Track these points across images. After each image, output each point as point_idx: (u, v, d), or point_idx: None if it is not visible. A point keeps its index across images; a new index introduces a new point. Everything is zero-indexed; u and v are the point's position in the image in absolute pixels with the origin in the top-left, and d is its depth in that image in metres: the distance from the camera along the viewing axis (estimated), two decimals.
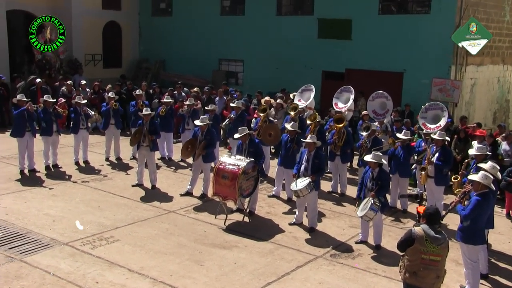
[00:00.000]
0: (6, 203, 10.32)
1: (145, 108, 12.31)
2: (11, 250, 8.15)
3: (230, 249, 8.74)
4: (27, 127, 12.19)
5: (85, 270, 7.63)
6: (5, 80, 18.21)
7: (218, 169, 9.86)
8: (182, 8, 24.27)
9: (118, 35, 25.24)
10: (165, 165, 14.15)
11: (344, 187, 12.34)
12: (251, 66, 22.29)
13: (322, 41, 19.90)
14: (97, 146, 15.35)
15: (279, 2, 21.46)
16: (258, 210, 10.69)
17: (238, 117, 13.70)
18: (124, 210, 10.31)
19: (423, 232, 5.95)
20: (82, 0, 23.08)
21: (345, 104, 13.88)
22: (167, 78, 23.72)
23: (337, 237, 9.58)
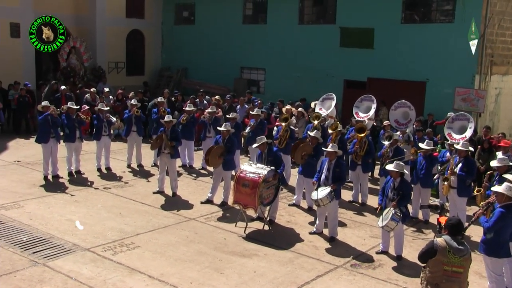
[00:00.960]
0: (30, 208, 10.48)
1: (167, 115, 12.41)
2: (35, 254, 8.26)
3: (250, 258, 8.73)
4: (51, 133, 12.38)
5: (106, 276, 7.69)
6: (30, 87, 18.54)
7: (238, 177, 9.87)
8: (204, 17, 24.48)
9: (141, 43, 25.56)
10: (186, 172, 14.22)
11: (365, 196, 12.25)
12: (272, 75, 22.34)
13: (344, 50, 19.87)
14: (119, 153, 15.51)
15: (301, 11, 21.50)
16: (278, 218, 10.66)
17: (258, 125, 13.73)
18: (145, 217, 10.38)
19: (445, 243, 5.86)
20: (106, 9, 23.45)
21: (366, 113, 13.81)
22: (189, 86, 23.90)
23: (357, 247, 9.50)
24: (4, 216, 9.91)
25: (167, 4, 25.81)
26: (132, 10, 24.78)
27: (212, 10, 24.07)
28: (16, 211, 10.22)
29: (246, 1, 23.29)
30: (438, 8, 17.92)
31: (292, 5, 21.47)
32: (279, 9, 21.88)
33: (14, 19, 20.52)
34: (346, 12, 19.78)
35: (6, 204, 10.58)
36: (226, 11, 23.55)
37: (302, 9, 21.52)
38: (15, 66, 20.38)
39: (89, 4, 23.29)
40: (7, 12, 20.23)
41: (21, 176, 12.79)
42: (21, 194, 11.32)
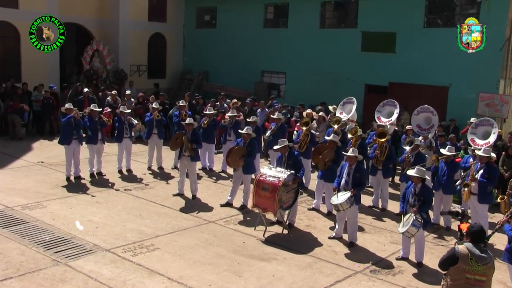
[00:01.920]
0: (53, 208, 10.63)
1: (188, 118, 12.50)
2: (57, 254, 8.37)
3: (269, 261, 8.72)
4: (74, 135, 12.54)
5: (126, 277, 7.76)
6: (55, 89, 18.82)
7: (258, 180, 9.87)
8: (226, 21, 24.58)
9: (162, 46, 25.77)
10: (206, 175, 14.27)
11: (386, 202, 12.14)
12: (293, 79, 22.32)
13: (365, 54, 19.77)
14: (140, 155, 15.64)
15: (322, 15, 21.46)
16: (298, 222, 10.64)
17: (278, 129, 13.73)
18: (164, 219, 10.45)
19: (467, 251, 5.78)
20: (129, 13, 23.70)
21: (388, 118, 13.71)
22: (210, 89, 24.01)
23: (377, 253, 9.42)
24: (28, 215, 10.07)
25: (188, 8, 25.99)
26: (154, 14, 25.00)
27: (233, 14, 24.16)
28: (40, 211, 10.38)
29: (267, 5, 23.33)
30: (462, 12, 17.72)
31: (313, 9, 21.44)
32: (300, 13, 21.86)
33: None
34: (367, 16, 19.69)
35: (30, 204, 10.76)
36: (247, 15, 23.62)
37: (323, 13, 21.48)
38: (40, 69, 20.73)
39: (112, 8, 23.58)
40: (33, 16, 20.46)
41: (45, 176, 12.98)
42: (44, 195, 11.49)
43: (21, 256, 8.20)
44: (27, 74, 20.46)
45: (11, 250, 8.39)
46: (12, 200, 10.96)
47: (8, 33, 20.44)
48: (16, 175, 12.94)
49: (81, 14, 23.04)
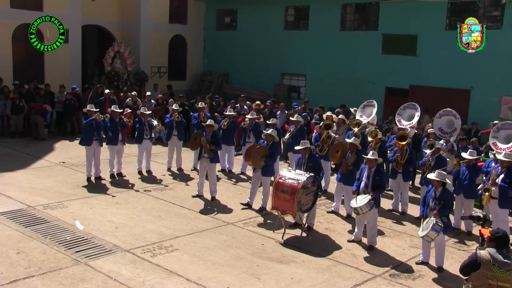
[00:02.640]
0: (74, 208, 10.75)
1: (208, 120, 12.53)
2: (77, 253, 8.46)
3: (288, 264, 8.70)
4: (94, 136, 12.68)
5: (145, 277, 7.81)
6: (78, 91, 19.05)
7: (277, 183, 9.86)
8: (246, 23, 24.64)
9: (183, 48, 25.93)
10: (226, 177, 14.30)
11: (405, 205, 12.03)
12: (313, 81, 22.28)
13: (386, 57, 19.65)
14: (159, 156, 15.74)
15: (343, 17, 21.39)
16: (317, 225, 10.60)
17: (298, 131, 13.70)
18: (183, 220, 10.49)
19: (490, 256, 5.68)
20: (150, 15, 23.91)
21: (409, 121, 13.59)
22: (230, 91, 24.08)
23: (396, 257, 9.33)
24: (50, 215, 10.20)
25: (209, 10, 26.11)
26: (175, 16, 25.19)
27: (253, 16, 24.21)
28: (61, 211, 10.51)
29: (288, 7, 23.33)
30: (485, 14, 17.50)
31: (334, 11, 21.38)
32: (321, 16, 21.82)
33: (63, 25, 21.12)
34: (389, 18, 19.57)
35: (52, 204, 10.90)
36: (268, 17, 23.64)
37: (344, 15, 21.41)
38: (63, 70, 21.03)
39: (134, 10, 23.81)
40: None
41: (66, 177, 13.14)
42: (65, 195, 11.63)
43: (43, 255, 8.31)
44: (50, 75, 20.77)
45: (33, 249, 8.51)
46: (34, 199, 11.12)
47: None
48: (38, 175, 13.13)
49: (103, 17, 23.34)
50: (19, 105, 17.43)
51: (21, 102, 17.49)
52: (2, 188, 11.72)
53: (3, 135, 17.56)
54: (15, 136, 17.48)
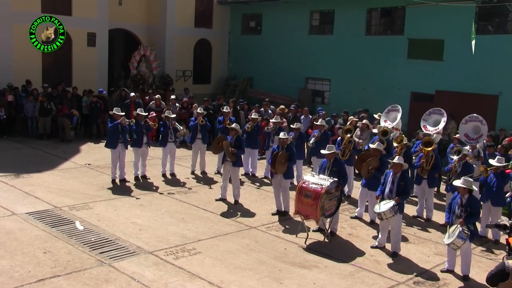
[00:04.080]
0: (99, 210, 10.88)
1: (233, 124, 12.56)
2: (102, 254, 8.56)
3: (310, 269, 8.65)
4: (120, 139, 12.82)
5: (168, 280, 7.85)
6: (105, 94, 19.33)
7: (301, 187, 9.83)
8: (271, 27, 24.69)
9: (208, 52, 26.11)
10: (249, 181, 14.31)
11: (430, 212, 11.87)
12: (337, 86, 22.19)
13: (411, 62, 19.47)
14: (183, 159, 15.83)
15: (368, 21, 21.28)
16: (340, 231, 10.53)
17: (322, 136, 13.64)
18: (206, 224, 10.53)
19: None
20: (176, 19, 24.16)
21: (435, 126, 13.41)
22: (254, 95, 24.13)
23: (421, 264, 9.21)
24: (75, 216, 10.34)
25: (234, 14, 26.24)
26: (200, 20, 25.39)
27: (278, 21, 24.24)
28: (86, 212, 10.65)
29: (313, 12, 23.31)
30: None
31: (359, 16, 21.28)
32: (346, 20, 21.74)
33: (91, 29, 21.57)
34: (415, 23, 19.39)
35: (77, 205, 11.05)
36: (293, 22, 23.65)
37: (369, 20, 21.29)
38: (90, 73, 21.40)
39: (160, 15, 24.09)
40: (85, 23, 21.29)
41: (91, 178, 13.31)
42: (90, 196, 11.78)
43: (68, 255, 8.43)
44: (77, 79, 21.15)
45: (59, 249, 8.64)
46: (61, 200, 11.29)
47: None
48: (65, 176, 13.33)
49: (129, 21, 23.68)
50: (47, 108, 17.75)
51: (49, 105, 17.80)
52: (30, 189, 11.94)
53: (32, 137, 17.90)
54: (43, 137, 17.80)
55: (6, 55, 19.50)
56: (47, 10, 20.29)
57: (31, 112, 17.81)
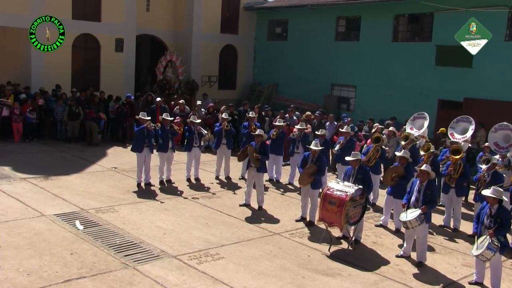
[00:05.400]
0: (124, 213, 10.99)
1: (258, 130, 12.56)
2: (126, 257, 8.63)
3: (334, 277, 8.58)
4: (145, 143, 12.94)
5: (191, 284, 7.87)
6: (132, 99, 19.57)
7: (325, 194, 9.76)
8: (297, 33, 24.68)
9: (233, 58, 26.23)
10: (273, 187, 14.28)
11: (458, 222, 11.66)
12: (363, 92, 22.04)
13: (439, 69, 19.23)
14: (208, 164, 15.89)
15: (395, 28, 21.11)
16: (364, 239, 10.42)
17: (347, 143, 13.55)
18: (230, 229, 10.53)
19: None
20: (202, 25, 24.35)
21: (462, 134, 13.21)
22: (279, 102, 24.12)
23: (447, 275, 9.04)
24: (101, 219, 10.47)
25: (260, 20, 26.32)
26: (226, 26, 25.54)
27: (304, 27, 24.23)
28: (111, 215, 10.76)
29: (339, 18, 23.23)
30: None
31: (386, 22, 21.14)
32: (372, 26, 21.61)
33: (119, 34, 21.89)
34: (443, 29, 19.15)
35: (103, 208, 11.18)
36: (319, 28, 23.60)
37: (396, 26, 21.12)
38: (117, 78, 21.70)
39: (186, 21, 24.32)
40: (113, 28, 21.62)
41: (117, 182, 13.46)
42: (116, 199, 11.91)
43: (94, 257, 8.53)
44: (105, 83, 21.47)
45: (85, 251, 8.74)
46: (87, 203, 11.44)
47: (90, 44, 21.57)
48: (91, 179, 13.50)
49: (156, 26, 23.97)
50: (76, 112, 18.04)
51: (77, 109, 18.10)
52: (58, 191, 12.13)
53: (61, 140, 18.21)
54: (71, 141, 18.08)
55: (38, 61, 19.93)
56: (77, 16, 20.74)
57: (60, 115, 18.12)
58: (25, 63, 20.16)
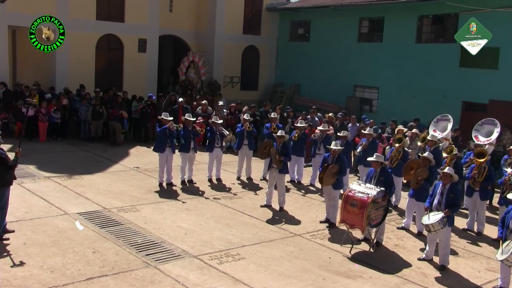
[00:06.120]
0: (146, 212, 11.08)
1: (280, 130, 12.56)
2: (148, 256, 8.70)
3: (355, 279, 8.52)
4: (167, 143, 13.04)
5: (211, 284, 7.90)
6: (154, 99, 19.74)
7: (347, 196, 9.71)
8: (319, 34, 24.59)
9: (256, 59, 26.24)
10: (295, 188, 14.26)
11: (482, 225, 11.48)
12: (386, 94, 21.85)
13: (464, 70, 18.95)
14: (229, 165, 15.93)
15: (419, 29, 20.88)
16: (386, 241, 10.34)
17: (369, 144, 13.46)
18: (251, 229, 10.54)
19: None
20: (225, 26, 24.41)
21: (487, 137, 13.01)
22: (301, 103, 24.06)
23: (471, 279, 8.91)
24: (123, 218, 10.57)
25: (282, 21, 26.29)
26: (248, 27, 25.58)
27: (327, 28, 24.12)
28: (133, 214, 10.86)
29: (362, 19, 23.08)
30: None
31: (409, 23, 20.92)
32: (396, 27, 21.41)
33: (142, 35, 22.08)
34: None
35: (125, 207, 11.29)
36: (341, 29, 23.48)
37: (420, 27, 20.89)
38: (140, 79, 21.90)
39: (209, 21, 24.42)
40: (136, 29, 21.83)
41: (139, 181, 13.58)
42: (138, 199, 12.02)
43: (116, 255, 8.62)
44: (128, 83, 21.68)
45: (107, 250, 8.84)
46: (110, 202, 11.57)
47: (114, 45, 21.81)
48: (114, 179, 13.65)
49: (179, 27, 24.13)
50: (99, 111, 18.27)
51: (101, 109, 18.32)
52: (81, 190, 12.29)
53: (84, 139, 18.45)
54: (94, 141, 18.31)
55: (63, 61, 20.23)
56: (101, 17, 20.98)
57: (84, 115, 18.36)
58: (50, 63, 20.47)
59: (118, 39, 21.73)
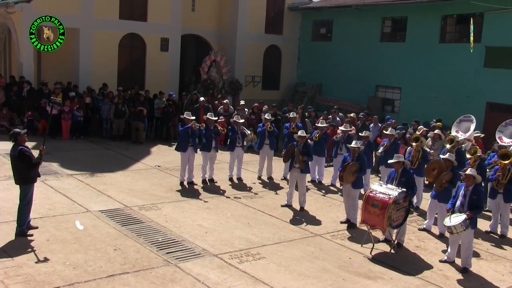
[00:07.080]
0: (167, 211, 11.17)
1: (300, 130, 12.54)
2: (168, 255, 8.77)
3: (375, 280, 8.47)
4: (189, 142, 13.11)
5: (231, 283, 7.92)
6: (174, 97, 19.87)
7: (368, 196, 9.66)
8: (342, 34, 24.47)
9: (277, 58, 26.23)
10: (315, 188, 14.22)
11: (506, 228, 11.31)
12: (408, 94, 21.66)
13: (488, 70, 18.68)
14: (250, 164, 15.96)
15: (443, 29, 20.65)
16: (407, 242, 10.25)
17: (391, 145, 13.36)
18: (271, 229, 10.55)
19: None
20: (247, 25, 24.45)
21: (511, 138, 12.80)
22: (323, 103, 23.99)
23: (494, 282, 8.79)
24: (144, 216, 10.67)
25: (305, 21, 26.22)
26: (271, 26, 25.58)
27: (349, 27, 23.99)
28: (154, 213, 10.95)
29: (384, 19, 22.91)
30: None
31: (433, 23, 20.70)
32: (419, 27, 21.20)
33: (164, 34, 22.25)
34: (493, 30, 18.61)
35: (147, 205, 11.39)
36: (364, 29, 23.33)
37: (444, 27, 20.65)
38: (162, 78, 22.07)
39: (231, 21, 24.48)
40: (158, 28, 22.00)
41: (160, 180, 13.68)
42: (159, 197, 12.11)
43: (137, 253, 8.70)
44: (150, 82, 21.88)
45: (129, 247, 8.94)
46: (131, 200, 11.68)
47: (136, 44, 22.01)
48: (135, 177, 13.78)
49: (201, 27, 24.25)
50: (121, 110, 18.45)
51: (123, 107, 18.50)
52: (103, 188, 12.44)
53: (106, 138, 18.67)
54: (116, 139, 18.50)
55: (87, 60, 20.51)
56: (124, 17, 21.19)
57: (107, 114, 18.57)
58: (74, 62, 20.76)
59: (140, 38, 21.93)
